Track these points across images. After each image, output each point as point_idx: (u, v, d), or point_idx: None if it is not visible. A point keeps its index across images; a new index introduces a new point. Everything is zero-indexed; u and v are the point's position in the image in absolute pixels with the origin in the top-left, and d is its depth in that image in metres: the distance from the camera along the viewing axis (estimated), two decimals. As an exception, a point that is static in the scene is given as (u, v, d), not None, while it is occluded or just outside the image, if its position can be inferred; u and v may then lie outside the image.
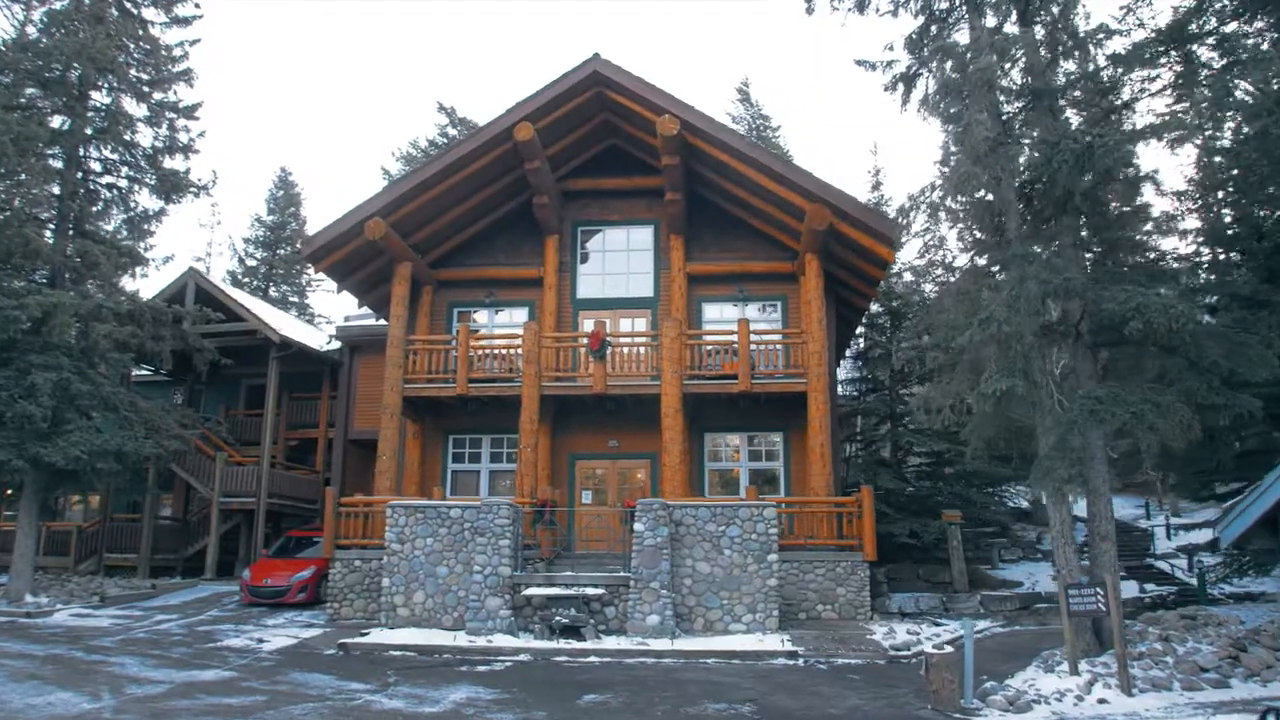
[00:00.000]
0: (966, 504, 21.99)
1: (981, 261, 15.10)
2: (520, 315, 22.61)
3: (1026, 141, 12.79)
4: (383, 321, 26.19)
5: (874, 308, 24.29)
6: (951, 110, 14.09)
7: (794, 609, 17.15)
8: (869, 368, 24.26)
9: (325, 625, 17.37)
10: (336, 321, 40.14)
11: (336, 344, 26.78)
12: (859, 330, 25.04)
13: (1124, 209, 13.52)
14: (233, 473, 23.89)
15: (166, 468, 23.56)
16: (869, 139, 70.64)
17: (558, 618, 14.98)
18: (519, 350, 20.58)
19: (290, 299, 45.36)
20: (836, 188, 18.56)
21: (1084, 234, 14.68)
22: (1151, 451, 11.49)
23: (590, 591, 15.36)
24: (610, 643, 14.57)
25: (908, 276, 27.34)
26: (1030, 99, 14.14)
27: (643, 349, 20.40)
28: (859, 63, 16.85)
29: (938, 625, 16.72)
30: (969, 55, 13.43)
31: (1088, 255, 14.89)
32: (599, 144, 22.53)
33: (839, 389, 24.14)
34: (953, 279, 15.42)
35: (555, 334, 20.90)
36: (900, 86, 16.48)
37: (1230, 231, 16.48)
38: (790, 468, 21.00)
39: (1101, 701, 10.82)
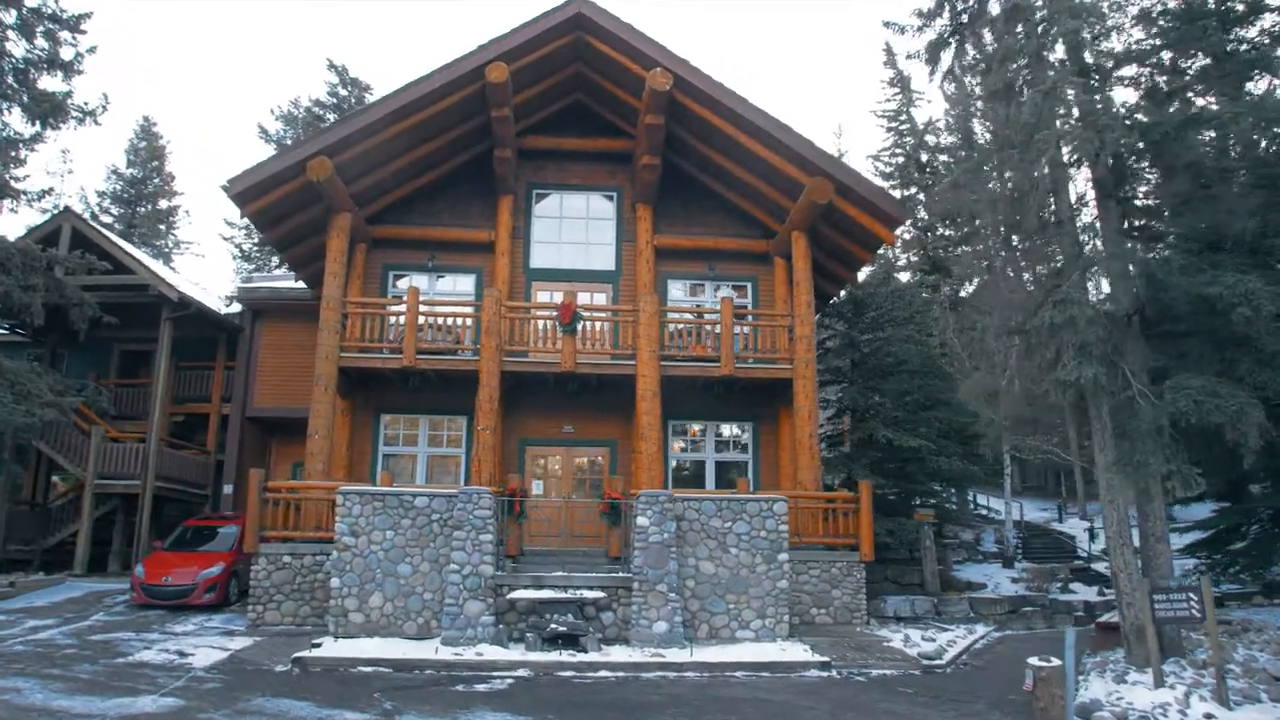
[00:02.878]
0: (927, 503, 21.33)
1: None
2: (465, 283, 20.22)
3: (1114, 110, 11.78)
4: (294, 284, 23.21)
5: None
6: (1012, 77, 12.97)
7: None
8: (828, 358, 23.21)
9: (249, 633, 14.60)
10: (209, 289, 36.02)
11: (236, 307, 23.45)
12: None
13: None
14: (112, 450, 20.26)
15: (25, 442, 19.72)
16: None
17: (553, 625, 12.96)
18: (467, 320, 18.32)
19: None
20: (841, 161, 17.31)
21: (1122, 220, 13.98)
22: (1251, 449, 10.70)
23: (589, 595, 13.41)
24: (619, 654, 12.69)
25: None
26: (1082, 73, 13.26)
27: (610, 325, 18.53)
28: (887, 24, 15.79)
29: (945, 630, 15.75)
30: (1042, 21, 12.33)
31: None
32: (563, 99, 20.43)
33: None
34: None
35: (520, 303, 18.71)
36: (925, 53, 15.51)
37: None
38: (760, 461, 19.65)
39: (1208, 716, 9.93)
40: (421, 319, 17.86)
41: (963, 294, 26.58)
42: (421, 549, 13.99)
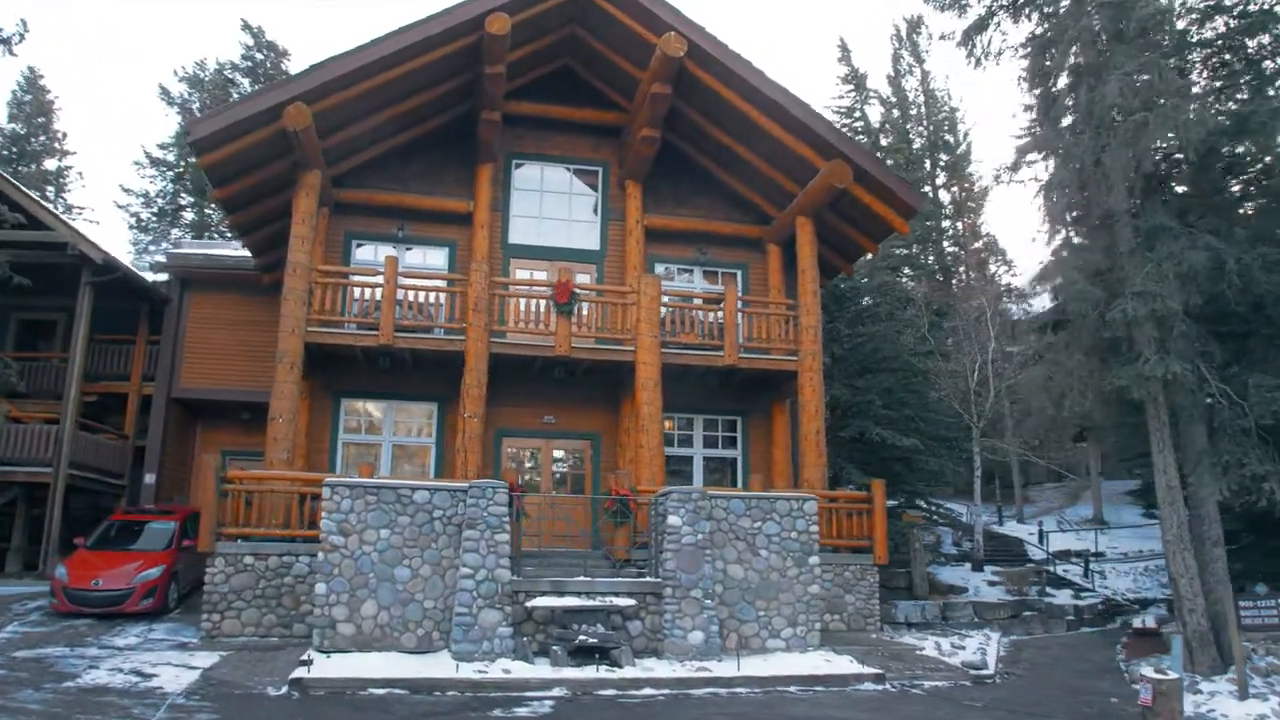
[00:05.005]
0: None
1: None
2: (436, 256, 18.44)
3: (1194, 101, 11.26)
4: (231, 251, 20.96)
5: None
6: (1084, 62, 12.31)
7: (801, 619, 14.75)
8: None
9: (207, 646, 12.56)
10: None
11: (162, 276, 20.92)
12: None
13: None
14: (16, 433, 17.54)
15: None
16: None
17: (582, 636, 11.54)
18: (440, 297, 16.56)
19: (33, 225, 36.37)
20: (860, 145, 16.44)
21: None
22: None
23: (620, 602, 12.05)
24: (660, 669, 11.40)
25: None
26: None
27: (597, 307, 17.14)
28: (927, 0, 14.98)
29: (967, 636, 15.10)
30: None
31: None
32: (550, 63, 18.89)
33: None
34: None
35: (510, 280, 17.15)
36: (967, 36, 14.87)
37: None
38: (749, 457, 18.64)
39: (1316, 732, 9.46)
40: (400, 293, 16.07)
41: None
42: (422, 550, 12.30)
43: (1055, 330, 12.39)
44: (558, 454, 18.10)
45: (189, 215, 39.12)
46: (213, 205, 38.74)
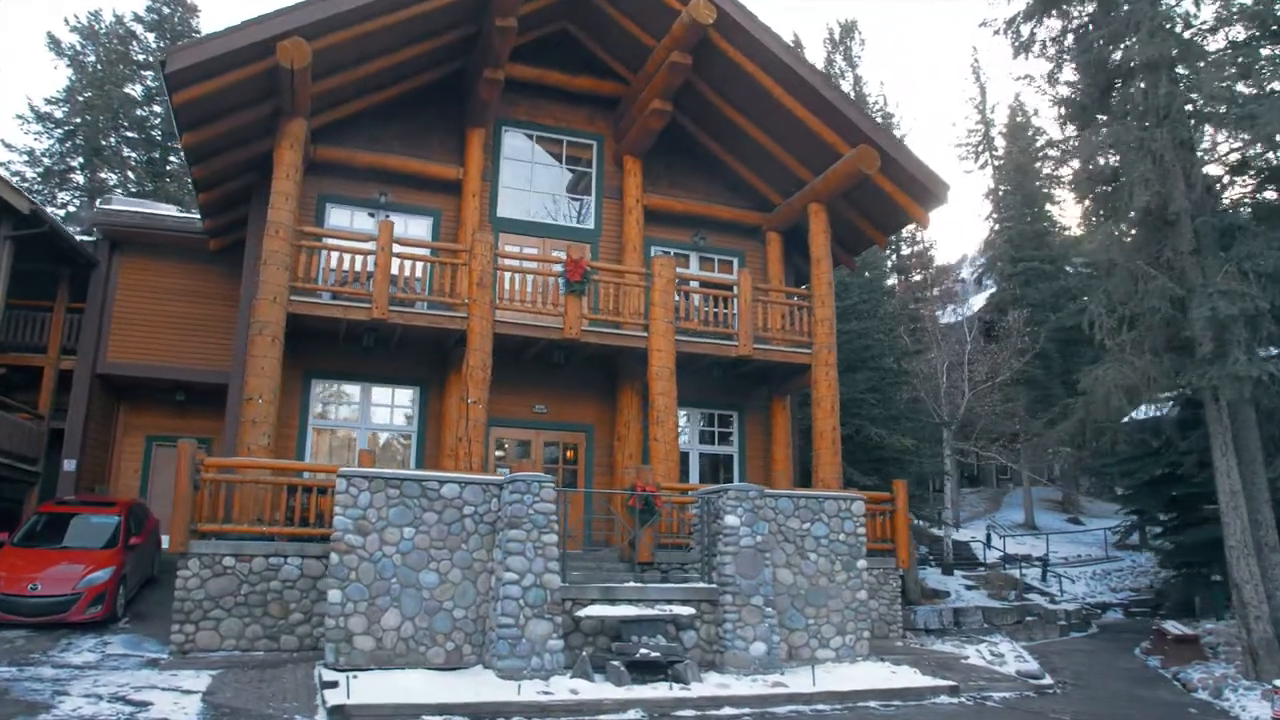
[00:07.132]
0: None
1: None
2: (419, 226, 16.75)
3: None
4: (171, 211, 18.69)
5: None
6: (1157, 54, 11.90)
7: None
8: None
9: (183, 663, 10.65)
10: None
11: (89, 237, 18.35)
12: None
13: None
14: (-86, 410, 14.87)
15: None
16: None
17: (643, 650, 10.31)
18: (438, 268, 14.99)
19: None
20: (888, 130, 15.77)
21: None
22: None
23: (680, 611, 10.86)
24: (734, 685, 10.26)
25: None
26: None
27: (610, 288, 15.90)
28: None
29: (995, 644, 14.60)
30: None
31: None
32: (547, 25, 17.48)
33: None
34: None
35: (514, 254, 15.68)
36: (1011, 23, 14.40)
37: None
38: (745, 453, 17.75)
39: None
40: (402, 260, 14.40)
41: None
42: (451, 552, 10.80)
43: (1130, 327, 11.98)
44: (549, 446, 16.73)
45: (79, 178, 35.45)
46: (109, 169, 35.44)
